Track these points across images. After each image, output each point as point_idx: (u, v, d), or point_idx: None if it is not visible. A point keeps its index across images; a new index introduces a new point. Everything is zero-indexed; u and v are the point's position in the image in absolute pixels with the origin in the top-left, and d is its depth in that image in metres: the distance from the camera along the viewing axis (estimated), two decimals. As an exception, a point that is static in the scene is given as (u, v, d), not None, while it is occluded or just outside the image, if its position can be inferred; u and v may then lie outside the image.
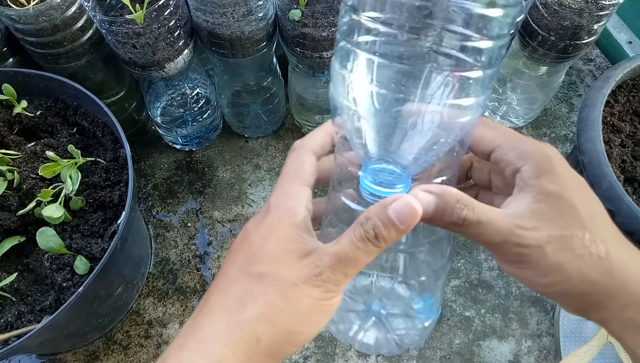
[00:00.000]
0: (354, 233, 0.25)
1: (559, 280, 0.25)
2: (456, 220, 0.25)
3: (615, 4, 0.57)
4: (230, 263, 0.28)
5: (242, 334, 0.25)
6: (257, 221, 0.28)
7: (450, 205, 0.25)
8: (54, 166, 0.52)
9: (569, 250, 0.25)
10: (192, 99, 0.72)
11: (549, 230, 0.25)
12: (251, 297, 0.26)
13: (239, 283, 0.26)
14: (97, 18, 0.54)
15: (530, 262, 0.25)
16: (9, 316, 0.49)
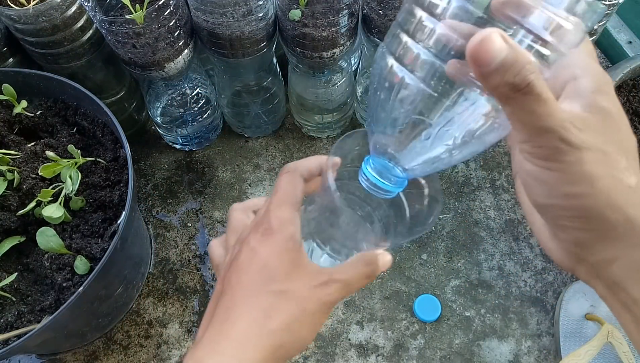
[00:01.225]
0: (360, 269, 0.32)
1: (584, 193, 0.24)
2: (520, 81, 0.22)
3: (615, 4, 0.57)
4: (246, 279, 0.31)
5: (270, 342, 0.29)
6: (261, 241, 0.31)
7: (521, 62, 0.22)
8: (54, 166, 0.52)
9: (606, 166, 0.24)
10: (192, 99, 0.72)
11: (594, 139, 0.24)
12: (276, 311, 0.30)
13: (263, 299, 0.30)
14: (97, 18, 0.54)
15: (564, 163, 0.23)
16: (9, 316, 0.49)
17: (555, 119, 0.23)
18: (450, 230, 0.72)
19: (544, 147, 0.24)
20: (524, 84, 0.22)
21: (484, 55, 0.22)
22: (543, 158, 0.24)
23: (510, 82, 0.22)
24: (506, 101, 0.23)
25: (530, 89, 0.22)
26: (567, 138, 0.23)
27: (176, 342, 0.65)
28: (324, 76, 0.68)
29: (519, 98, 0.23)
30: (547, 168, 0.24)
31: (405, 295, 0.67)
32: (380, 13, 0.58)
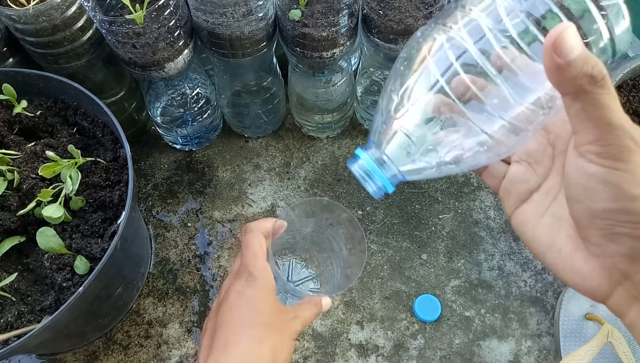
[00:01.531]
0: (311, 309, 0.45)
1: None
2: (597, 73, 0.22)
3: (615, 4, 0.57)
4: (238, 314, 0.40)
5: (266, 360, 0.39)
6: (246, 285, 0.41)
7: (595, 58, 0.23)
8: (54, 166, 0.52)
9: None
10: (192, 99, 0.72)
11: None
12: (266, 338, 0.40)
13: (255, 329, 0.39)
14: (97, 18, 0.54)
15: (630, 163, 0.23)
16: (9, 316, 0.49)
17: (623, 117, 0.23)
18: (450, 230, 0.72)
19: (614, 145, 0.23)
20: (601, 76, 0.22)
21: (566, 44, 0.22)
22: (612, 158, 0.23)
23: (588, 73, 0.22)
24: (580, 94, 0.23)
25: (605, 82, 0.23)
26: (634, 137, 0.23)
27: (176, 342, 0.65)
28: (324, 76, 0.68)
29: (594, 91, 0.23)
30: (616, 168, 0.23)
31: (405, 295, 0.67)
32: (380, 13, 0.58)
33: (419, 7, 0.58)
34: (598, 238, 0.25)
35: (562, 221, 0.28)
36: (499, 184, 0.33)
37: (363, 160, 0.29)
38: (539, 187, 0.30)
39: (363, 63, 0.74)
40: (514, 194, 0.31)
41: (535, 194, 0.30)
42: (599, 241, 0.25)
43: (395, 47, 0.61)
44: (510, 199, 0.32)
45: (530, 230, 0.30)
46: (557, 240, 0.28)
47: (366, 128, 0.81)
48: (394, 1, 0.58)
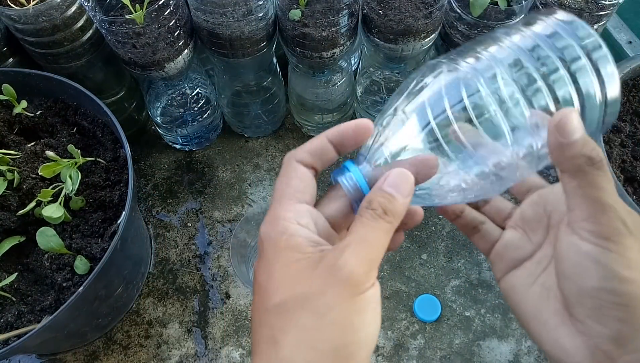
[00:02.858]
0: (364, 218, 0.25)
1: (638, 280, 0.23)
2: (596, 155, 0.24)
3: (615, 4, 0.57)
4: (252, 309, 0.27)
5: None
6: (258, 259, 0.27)
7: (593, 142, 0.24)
8: (54, 166, 0.52)
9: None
10: (192, 99, 0.72)
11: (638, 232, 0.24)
12: (280, 331, 0.24)
13: (264, 324, 0.25)
14: (97, 18, 0.54)
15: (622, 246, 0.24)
16: (9, 316, 0.49)
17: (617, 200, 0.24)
18: (450, 229, 0.72)
19: (607, 225, 0.24)
20: (599, 158, 0.24)
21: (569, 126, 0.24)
22: (604, 237, 0.24)
23: (587, 155, 0.24)
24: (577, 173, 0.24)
25: (602, 164, 0.24)
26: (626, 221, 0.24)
27: (176, 342, 0.65)
28: (324, 76, 0.68)
29: (591, 172, 0.24)
30: (607, 248, 0.24)
31: (405, 295, 0.67)
32: (380, 13, 0.58)
33: (419, 7, 0.58)
34: (585, 317, 0.25)
35: (550, 293, 0.28)
36: (490, 249, 0.33)
37: (352, 173, 0.28)
38: (531, 255, 0.30)
39: (363, 63, 0.74)
40: (506, 260, 0.31)
41: (527, 262, 0.30)
42: (586, 320, 0.25)
43: (395, 47, 0.61)
44: (502, 264, 0.32)
45: (518, 296, 0.30)
46: (544, 312, 0.28)
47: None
48: (394, 1, 0.58)
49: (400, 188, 0.25)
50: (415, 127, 0.27)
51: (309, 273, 0.24)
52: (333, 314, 0.23)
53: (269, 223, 0.27)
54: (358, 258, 0.24)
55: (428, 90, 0.27)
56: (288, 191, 0.27)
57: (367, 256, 0.24)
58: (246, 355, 0.63)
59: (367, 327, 0.25)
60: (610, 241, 0.24)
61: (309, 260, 0.24)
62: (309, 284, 0.24)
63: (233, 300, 0.67)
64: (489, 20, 0.58)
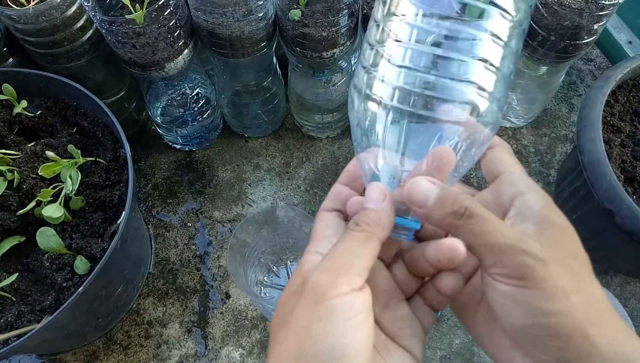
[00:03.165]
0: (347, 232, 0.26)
1: (562, 309, 0.22)
2: (457, 208, 0.24)
3: (615, 4, 0.57)
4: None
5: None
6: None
7: (453, 194, 0.24)
8: (54, 166, 0.52)
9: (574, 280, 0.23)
10: (192, 99, 0.72)
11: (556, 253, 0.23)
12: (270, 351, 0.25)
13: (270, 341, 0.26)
14: (97, 18, 0.54)
15: (534, 280, 0.23)
16: (9, 316, 0.49)
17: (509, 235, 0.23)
18: (450, 229, 0.72)
19: (511, 265, 0.23)
20: (462, 209, 0.24)
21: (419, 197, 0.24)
22: (515, 277, 0.23)
23: (449, 212, 0.24)
24: (455, 231, 0.24)
25: (470, 212, 0.24)
26: (530, 252, 0.23)
27: (176, 342, 0.65)
28: (324, 76, 0.68)
29: (464, 224, 0.24)
30: (522, 286, 0.23)
31: (405, 295, 0.67)
32: (380, 13, 0.58)
33: (419, 7, 0.58)
34: (528, 348, 0.24)
35: None
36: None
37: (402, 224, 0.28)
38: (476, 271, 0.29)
39: (363, 63, 0.74)
40: None
41: (473, 278, 0.29)
42: (530, 350, 0.24)
43: (395, 47, 0.61)
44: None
45: (469, 316, 0.28)
46: (494, 333, 0.26)
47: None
48: (394, 1, 0.58)
49: (372, 198, 0.26)
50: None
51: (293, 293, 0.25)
52: (297, 325, 0.23)
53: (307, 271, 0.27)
54: (321, 269, 0.24)
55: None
56: (314, 234, 0.29)
57: (330, 265, 0.24)
58: (246, 355, 0.63)
59: (330, 338, 0.22)
60: (523, 280, 0.23)
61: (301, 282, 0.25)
62: (289, 303, 0.25)
63: (233, 300, 0.67)
64: (489, 20, 0.58)
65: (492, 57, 0.26)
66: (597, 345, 0.22)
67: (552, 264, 0.23)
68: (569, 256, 0.24)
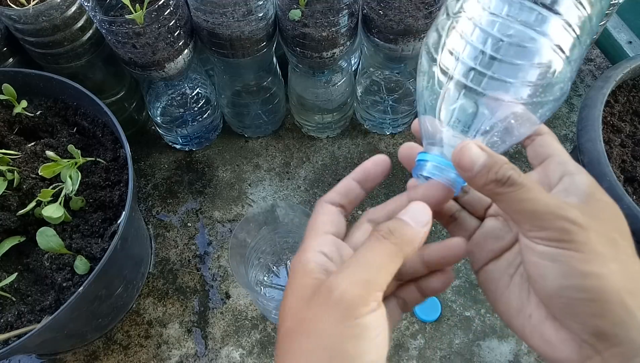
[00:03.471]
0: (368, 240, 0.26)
1: (601, 273, 0.23)
2: (500, 177, 0.24)
3: (615, 4, 0.57)
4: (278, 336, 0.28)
5: None
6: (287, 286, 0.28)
7: (499, 163, 0.25)
8: (54, 166, 0.52)
9: (616, 250, 0.24)
10: (192, 99, 0.72)
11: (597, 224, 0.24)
12: (286, 353, 0.25)
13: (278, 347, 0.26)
14: (97, 18, 0.54)
15: (576, 243, 0.23)
16: (9, 316, 0.49)
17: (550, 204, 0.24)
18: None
19: (551, 229, 0.24)
20: (505, 178, 0.24)
21: (466, 161, 0.25)
22: (555, 240, 0.24)
23: (493, 179, 0.25)
24: (496, 197, 0.25)
25: (512, 181, 0.24)
26: (570, 217, 0.23)
27: (176, 342, 0.65)
28: (324, 76, 0.68)
29: (505, 191, 0.24)
30: (561, 247, 0.24)
31: (405, 295, 0.67)
32: (380, 13, 0.58)
33: (419, 7, 0.58)
34: (561, 316, 0.25)
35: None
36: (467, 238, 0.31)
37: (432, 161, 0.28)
38: (511, 246, 0.29)
39: (363, 63, 0.74)
40: (486, 251, 0.30)
41: (507, 253, 0.29)
42: (563, 318, 0.24)
43: (395, 47, 0.61)
44: (481, 254, 0.30)
45: (498, 289, 0.29)
46: (527, 305, 0.27)
47: (366, 128, 0.81)
48: (394, 1, 0.58)
49: (416, 217, 0.26)
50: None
51: (310, 297, 0.25)
52: (327, 340, 0.23)
53: (296, 254, 0.28)
54: (352, 279, 0.24)
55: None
56: (315, 226, 0.28)
57: (362, 278, 0.24)
58: (246, 355, 0.63)
59: (365, 355, 0.23)
60: (562, 242, 0.23)
61: (315, 284, 0.25)
62: (308, 308, 0.24)
63: (233, 300, 0.67)
64: (489, 20, 0.58)
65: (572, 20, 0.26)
66: (634, 314, 0.22)
67: (592, 232, 0.23)
68: (612, 229, 0.24)
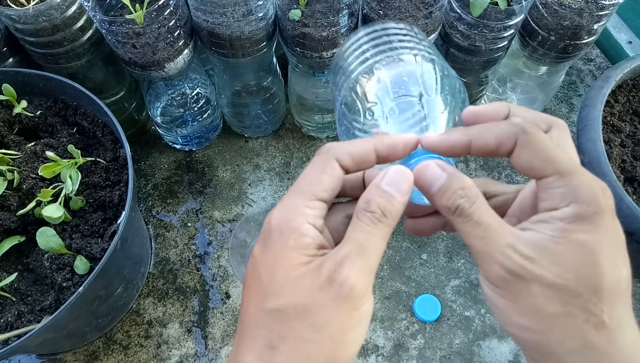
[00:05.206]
0: (362, 222, 0.24)
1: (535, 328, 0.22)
2: (450, 205, 0.23)
3: (615, 4, 0.57)
4: (247, 300, 0.25)
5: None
6: (261, 246, 0.25)
7: (453, 189, 0.24)
8: (54, 166, 0.52)
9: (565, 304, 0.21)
10: (192, 99, 0.72)
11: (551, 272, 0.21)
12: (279, 338, 0.23)
13: (261, 325, 0.24)
14: (97, 18, 0.54)
15: (511, 293, 0.22)
16: (9, 316, 0.49)
17: (494, 245, 0.22)
18: (450, 229, 0.72)
19: (490, 271, 0.23)
20: (454, 207, 0.23)
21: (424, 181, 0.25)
22: (491, 284, 0.23)
23: (443, 206, 0.24)
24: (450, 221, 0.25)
25: (460, 211, 0.23)
26: (509, 267, 0.22)
27: (176, 342, 0.65)
28: (324, 76, 0.68)
29: (455, 220, 0.24)
30: (499, 294, 0.23)
31: (405, 295, 0.67)
32: (380, 13, 0.58)
33: (419, 7, 0.58)
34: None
35: None
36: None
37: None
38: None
39: (363, 63, 0.74)
40: None
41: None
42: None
43: (395, 47, 0.61)
44: None
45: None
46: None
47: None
48: (394, 1, 0.58)
49: (399, 185, 0.24)
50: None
51: (311, 282, 0.23)
52: (331, 329, 0.23)
53: (285, 211, 0.25)
54: (359, 271, 0.23)
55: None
56: (316, 186, 0.25)
57: (366, 268, 0.24)
58: (246, 355, 0.63)
59: (359, 339, 0.25)
60: (499, 288, 0.23)
61: (311, 265, 0.24)
62: (310, 295, 0.23)
63: (233, 300, 0.67)
64: (488, 20, 0.58)
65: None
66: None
67: (536, 284, 0.22)
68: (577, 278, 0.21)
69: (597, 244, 0.22)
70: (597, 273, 0.21)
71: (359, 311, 0.23)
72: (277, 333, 0.23)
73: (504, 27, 0.59)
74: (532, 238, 0.22)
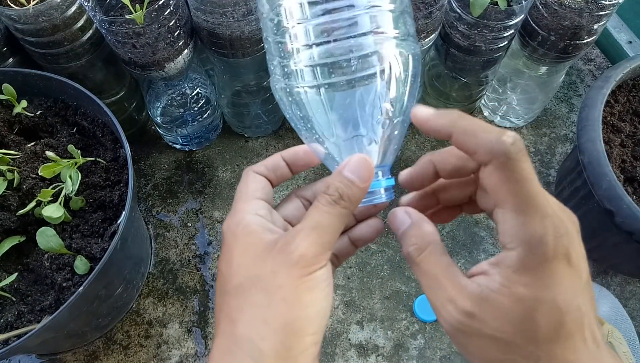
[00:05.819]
0: (320, 203, 0.26)
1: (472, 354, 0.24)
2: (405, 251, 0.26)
3: (615, 4, 0.57)
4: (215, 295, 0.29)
5: (244, 351, 0.25)
6: (222, 254, 0.28)
7: (409, 236, 0.26)
8: (54, 166, 0.52)
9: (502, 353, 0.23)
10: (192, 99, 0.72)
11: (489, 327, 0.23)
12: (237, 310, 0.26)
13: (224, 306, 0.27)
14: (97, 18, 0.54)
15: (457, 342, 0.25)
16: (9, 316, 0.49)
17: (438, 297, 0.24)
18: (450, 229, 0.72)
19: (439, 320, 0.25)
20: (406, 254, 0.26)
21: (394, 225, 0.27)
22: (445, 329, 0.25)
23: (403, 251, 0.26)
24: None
25: (411, 259, 0.26)
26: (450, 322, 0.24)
27: (176, 342, 0.65)
28: (324, 76, 0.68)
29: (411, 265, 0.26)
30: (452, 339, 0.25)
31: (405, 295, 0.67)
32: (380, 13, 0.58)
33: (419, 7, 0.58)
34: None
35: None
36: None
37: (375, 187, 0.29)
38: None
39: (363, 63, 0.74)
40: None
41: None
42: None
43: (395, 47, 0.61)
44: None
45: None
46: None
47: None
48: (394, 1, 0.58)
49: (360, 173, 0.26)
50: None
51: (264, 256, 0.26)
52: (283, 292, 0.25)
53: (229, 217, 0.28)
54: (309, 242, 0.25)
55: None
56: (246, 191, 0.29)
57: (318, 240, 0.25)
58: (246, 355, 0.63)
59: (317, 303, 0.26)
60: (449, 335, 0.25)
61: (264, 243, 0.26)
62: (262, 266, 0.26)
63: (233, 300, 0.67)
64: (488, 20, 0.58)
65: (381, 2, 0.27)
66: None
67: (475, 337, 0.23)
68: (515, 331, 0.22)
69: (534, 300, 0.22)
70: (532, 328, 0.22)
71: (311, 276, 0.25)
72: (235, 307, 0.26)
73: (504, 27, 0.59)
74: (474, 292, 0.23)
